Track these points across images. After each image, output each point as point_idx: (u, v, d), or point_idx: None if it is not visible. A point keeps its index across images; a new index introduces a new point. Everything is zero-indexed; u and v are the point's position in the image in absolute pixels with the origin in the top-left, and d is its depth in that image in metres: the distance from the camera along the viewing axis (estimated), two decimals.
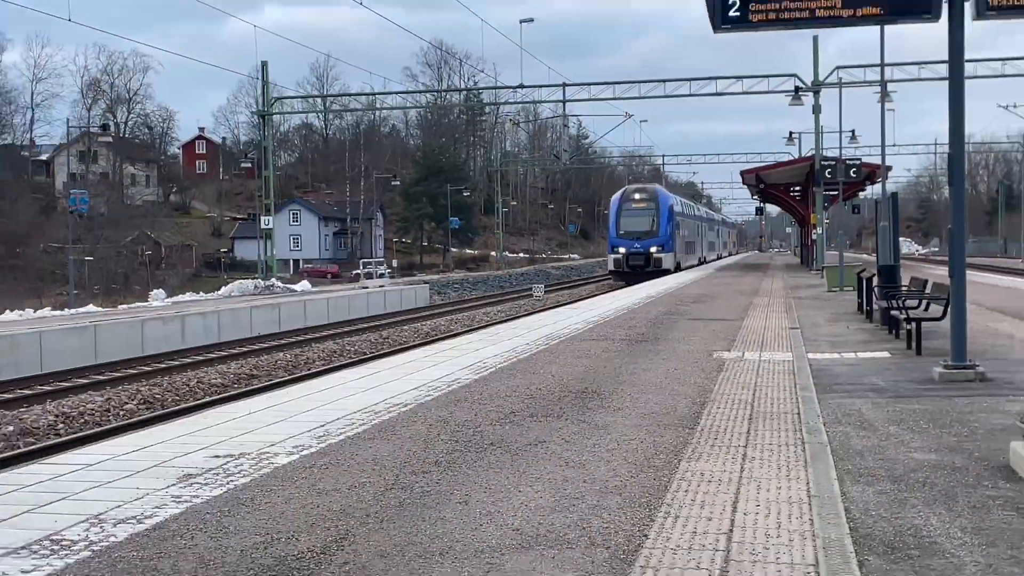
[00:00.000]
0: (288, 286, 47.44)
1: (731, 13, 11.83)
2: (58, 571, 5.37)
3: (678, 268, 60.96)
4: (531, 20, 63.89)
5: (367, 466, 7.80)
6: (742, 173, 66.46)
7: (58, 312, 34.56)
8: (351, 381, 12.96)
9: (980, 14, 11.89)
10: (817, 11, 11.92)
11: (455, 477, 7.41)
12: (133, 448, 8.70)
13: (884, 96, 36.81)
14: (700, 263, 77.12)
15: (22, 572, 5.36)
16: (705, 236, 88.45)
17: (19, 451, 14.59)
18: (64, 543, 5.89)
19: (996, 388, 11.61)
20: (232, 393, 19.49)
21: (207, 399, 19.03)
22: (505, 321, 28.96)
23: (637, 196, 62.19)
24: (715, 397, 11.09)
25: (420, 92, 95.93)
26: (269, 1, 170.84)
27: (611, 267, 62.15)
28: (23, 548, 5.79)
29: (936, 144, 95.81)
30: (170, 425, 10.35)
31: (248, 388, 20.30)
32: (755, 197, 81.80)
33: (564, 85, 52.82)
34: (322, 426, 9.54)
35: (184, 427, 9.89)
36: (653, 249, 58.49)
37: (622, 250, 59.40)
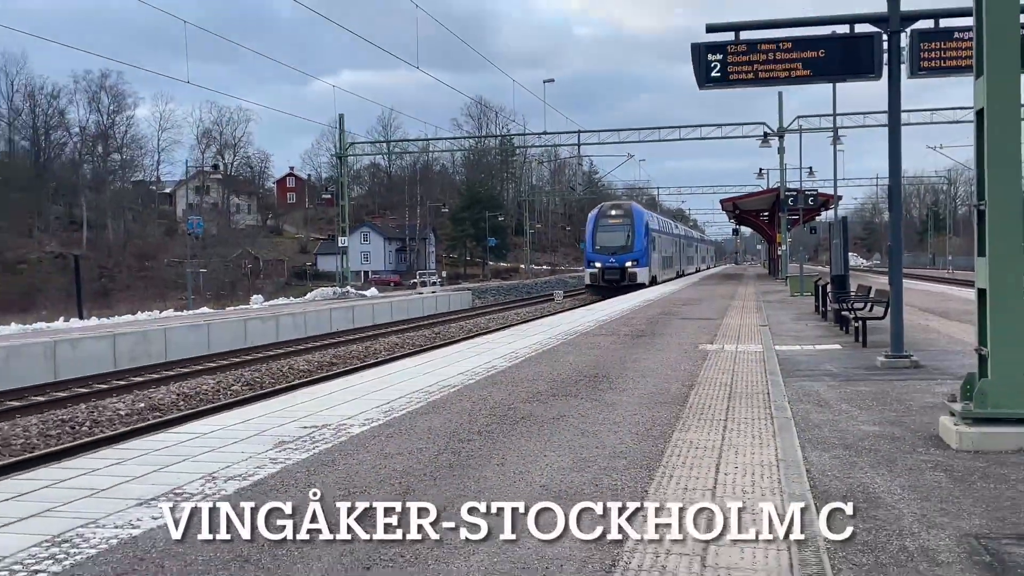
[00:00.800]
0: (359, 292, 47.56)
1: (713, 74, 11.89)
2: (181, 517, 5.40)
3: (654, 282, 52.06)
4: (552, 80, 63.90)
5: (423, 435, 7.82)
6: (721, 202, 66.72)
7: (179, 313, 34.80)
8: (410, 368, 12.99)
9: (913, 73, 11.93)
10: (782, 72, 11.94)
11: (493, 444, 7.42)
12: (239, 420, 8.76)
13: (836, 140, 36.82)
14: (679, 276, 67.06)
15: (152, 517, 5.39)
16: (684, 251, 77.05)
17: (149, 423, 14.70)
18: (184, 495, 5.93)
19: (927, 373, 11.54)
20: (316, 377, 19.56)
21: (296, 381, 19.11)
22: (532, 320, 28.90)
23: (613, 212, 52.92)
24: (701, 380, 11.06)
25: (464, 138, 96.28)
26: (345, 66, 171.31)
27: (587, 281, 52.69)
28: (152, 499, 5.83)
29: (877, 178, 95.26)
30: (268, 402, 10.40)
31: (329, 373, 20.36)
32: (732, 221, 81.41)
33: (579, 132, 53.09)
34: (387, 403, 9.57)
35: (279, 404, 9.95)
36: (628, 264, 50.05)
37: (597, 265, 50.76)
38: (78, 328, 24.91)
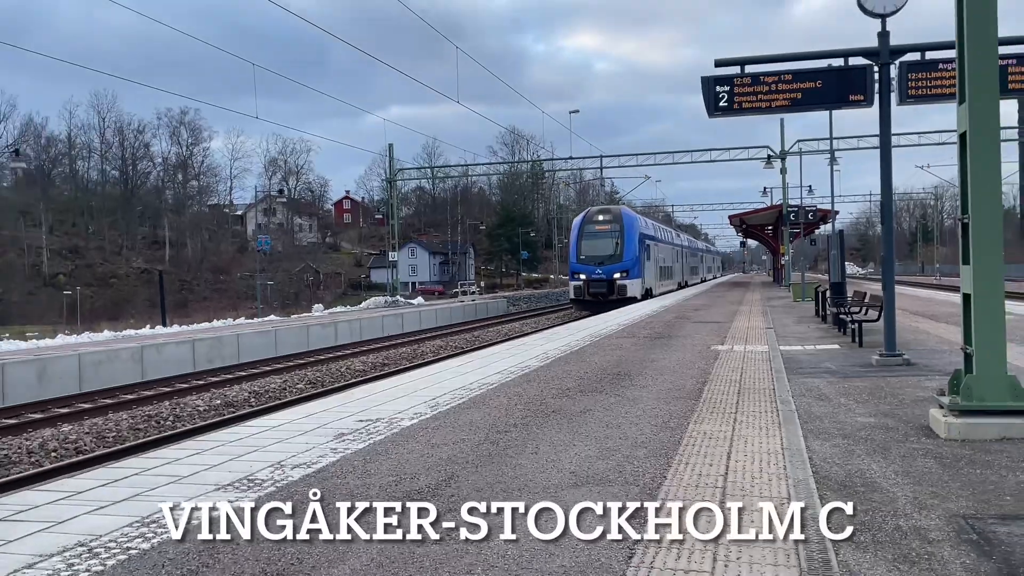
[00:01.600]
0: (408, 300, 47.59)
1: (721, 103, 11.84)
2: (252, 501, 5.45)
3: (649, 295, 42.31)
4: (577, 111, 64.54)
5: (465, 427, 7.83)
6: (729, 217, 66.26)
7: (249, 320, 35.09)
8: (453, 368, 13.02)
9: (902, 101, 11.82)
10: (782, 102, 11.88)
11: (528, 435, 7.41)
12: (303, 415, 8.83)
13: (832, 161, 36.54)
14: (680, 287, 56.12)
15: (228, 502, 5.44)
16: (686, 261, 64.80)
17: (224, 417, 14.83)
18: (256, 481, 5.98)
19: (918, 370, 11.38)
20: (370, 376, 19.66)
21: (353, 380, 19.21)
22: (561, 324, 28.88)
23: (600, 218, 42.31)
24: (713, 377, 10.99)
25: (499, 163, 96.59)
26: (394, 102, 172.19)
27: (571, 295, 42.06)
28: (228, 485, 5.89)
29: (871, 195, 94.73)
30: (328, 399, 10.46)
31: (381, 373, 20.45)
32: (739, 234, 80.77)
33: (601, 156, 52.76)
34: (434, 399, 9.59)
35: (338, 400, 10.01)
36: (617, 275, 39.96)
37: (582, 277, 40.55)
38: (162, 334, 25.19)
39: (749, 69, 12.03)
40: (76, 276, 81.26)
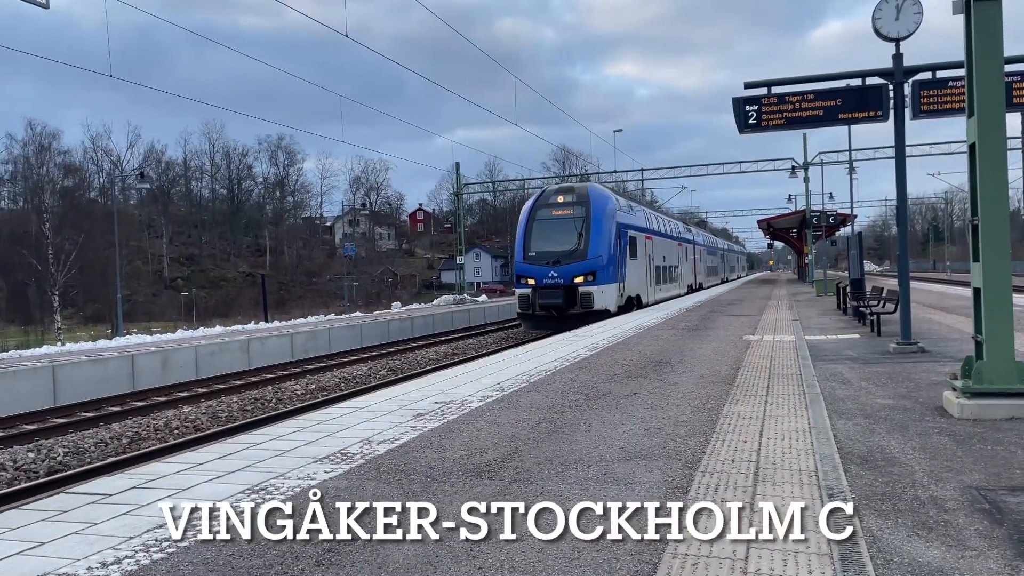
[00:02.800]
0: (473, 298, 47.85)
1: (750, 121, 11.67)
2: (345, 472, 5.53)
3: (636, 305, 27.33)
4: (620, 130, 62.80)
5: (526, 408, 7.85)
6: (758, 222, 65.24)
7: (338, 316, 35.58)
8: (514, 356, 13.04)
9: (915, 116, 11.53)
10: (806, 118, 11.67)
11: (581, 415, 7.40)
12: (386, 398, 8.93)
13: (851, 170, 35.72)
14: (691, 291, 41.15)
15: (325, 472, 5.54)
16: (701, 261, 48.68)
17: (319, 399, 15.06)
18: (348, 455, 6.07)
19: (932, 357, 11.08)
20: (443, 364, 19.76)
21: (428, 368, 19.32)
22: (607, 318, 28.72)
23: (559, 199, 25.95)
24: (745, 364, 10.83)
25: (551, 177, 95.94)
26: (459, 125, 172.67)
27: (517, 308, 26.36)
28: (324, 458, 5.99)
29: (886, 200, 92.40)
30: (406, 384, 10.55)
31: (452, 361, 20.54)
32: (767, 236, 79.32)
33: (642, 169, 52.32)
34: (498, 384, 9.63)
35: (415, 385, 10.09)
36: (579, 278, 24.25)
37: (530, 281, 24.90)
38: (264, 329, 25.68)
39: (775, 90, 11.83)
40: (192, 280, 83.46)
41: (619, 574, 3.53)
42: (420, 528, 4.23)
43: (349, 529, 4.25)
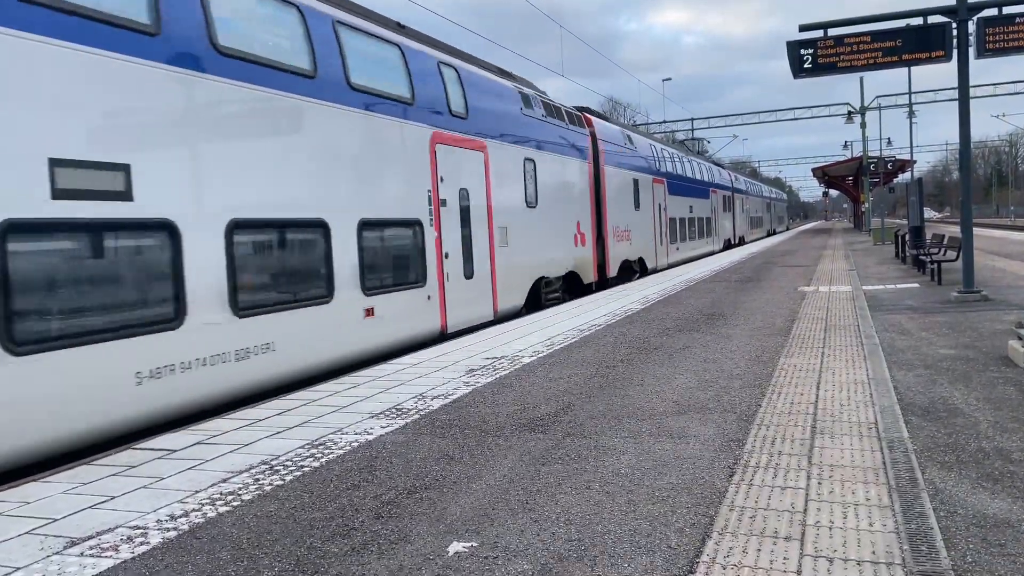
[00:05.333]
0: None
1: (805, 65, 11.34)
2: (401, 427, 5.62)
3: (641, 272, 21.48)
4: (669, 78, 61.68)
5: (578, 362, 7.85)
6: (812, 170, 63.79)
7: None
8: (564, 312, 13.01)
9: (980, 55, 11.04)
10: (864, 61, 11.26)
11: (633, 369, 7.38)
12: (437, 355, 9.00)
13: (911, 114, 34.61)
14: (729, 247, 35.83)
15: (381, 427, 5.63)
16: (742, 211, 41.16)
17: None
18: (403, 410, 6.16)
19: (995, 305, 10.76)
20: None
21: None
22: (658, 271, 28.46)
23: None
24: (801, 316, 10.66)
25: None
26: None
27: None
28: (380, 413, 6.09)
29: (947, 144, 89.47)
30: (458, 340, 10.55)
31: None
32: (821, 185, 77.53)
33: (692, 119, 51.59)
34: (549, 339, 9.64)
35: (467, 341, 10.12)
36: None
37: None
38: None
39: (832, 32, 11.44)
40: None
41: (675, 526, 3.54)
42: (475, 481, 4.29)
43: (406, 483, 4.33)
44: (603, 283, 18.41)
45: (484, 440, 5.13)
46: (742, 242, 39.86)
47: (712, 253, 31.81)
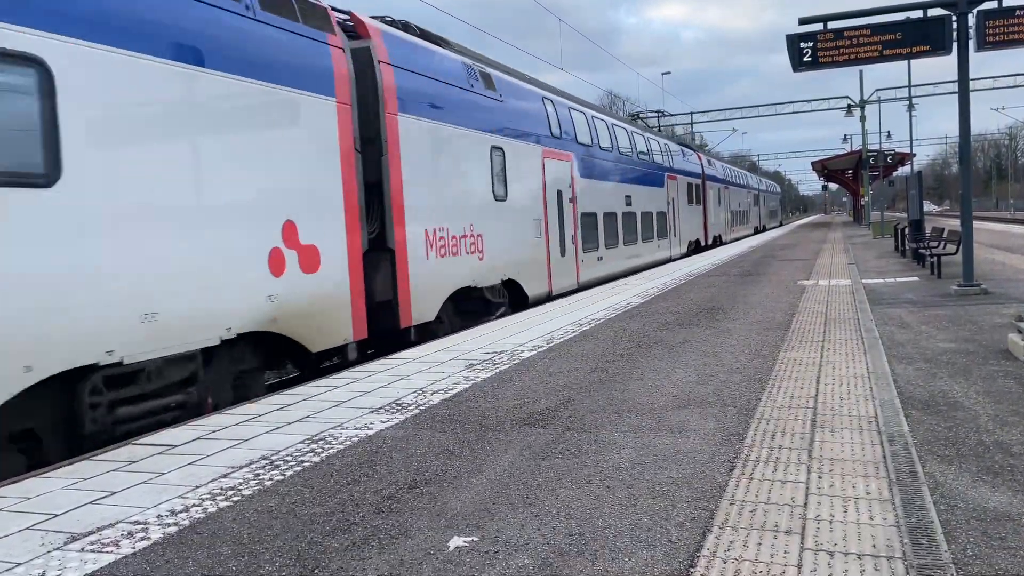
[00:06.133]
0: None
1: (805, 58, 11.33)
2: (401, 421, 5.62)
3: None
4: (668, 72, 61.52)
5: (578, 357, 7.85)
6: (812, 163, 63.75)
7: None
8: (564, 306, 13.02)
9: (980, 47, 11.03)
10: (864, 54, 11.24)
11: (634, 363, 7.38)
12: (437, 349, 9.01)
13: (911, 107, 34.56)
14: (698, 249, 29.64)
15: (380, 421, 5.63)
16: (720, 205, 34.96)
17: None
18: (402, 404, 6.16)
19: (995, 299, 10.77)
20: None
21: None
22: (658, 265, 28.43)
23: None
24: (800, 309, 10.66)
25: None
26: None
27: None
28: (380, 408, 6.09)
29: (946, 137, 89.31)
30: (458, 335, 10.60)
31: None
32: (821, 179, 77.39)
33: (691, 113, 51.35)
34: (548, 333, 9.64)
35: (467, 336, 10.14)
36: None
37: None
38: None
39: (832, 25, 11.41)
40: None
41: (676, 520, 3.54)
42: (475, 476, 4.29)
43: (406, 477, 4.34)
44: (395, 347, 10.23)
45: (484, 435, 5.13)
46: (717, 243, 33.49)
47: (669, 260, 24.53)
